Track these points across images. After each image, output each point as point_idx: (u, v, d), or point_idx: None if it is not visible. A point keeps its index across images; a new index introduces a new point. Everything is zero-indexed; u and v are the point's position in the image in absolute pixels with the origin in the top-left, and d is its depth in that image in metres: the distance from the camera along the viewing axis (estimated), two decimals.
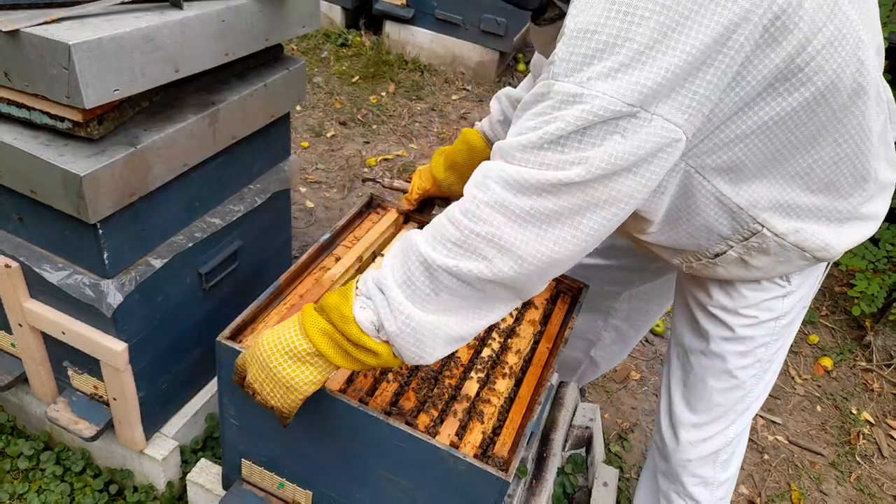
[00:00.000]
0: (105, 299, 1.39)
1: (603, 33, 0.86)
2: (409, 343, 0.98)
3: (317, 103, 3.85)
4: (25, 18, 1.16)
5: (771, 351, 1.39)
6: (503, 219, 0.92)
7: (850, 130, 1.05)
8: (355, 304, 1.00)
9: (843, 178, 1.12)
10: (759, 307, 1.33)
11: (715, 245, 1.20)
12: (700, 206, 1.11)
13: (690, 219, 1.14)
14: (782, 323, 1.36)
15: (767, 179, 1.08)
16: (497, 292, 0.98)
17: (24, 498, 1.77)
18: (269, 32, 1.52)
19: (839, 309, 3.05)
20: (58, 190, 1.25)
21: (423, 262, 0.95)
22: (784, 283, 1.30)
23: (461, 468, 1.16)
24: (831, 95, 0.98)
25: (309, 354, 1.04)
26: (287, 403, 1.08)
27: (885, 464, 2.42)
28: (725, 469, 1.52)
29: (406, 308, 0.96)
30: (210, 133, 1.48)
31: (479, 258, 0.93)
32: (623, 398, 2.46)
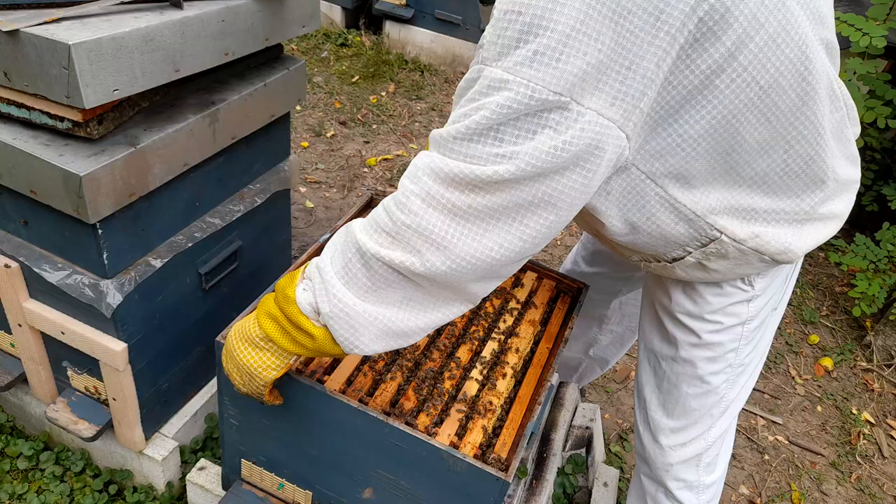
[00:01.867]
0: (104, 299, 1.39)
1: (528, 14, 0.81)
2: (343, 328, 0.96)
3: (317, 103, 3.85)
4: (25, 18, 1.16)
5: (742, 355, 1.35)
6: (433, 212, 0.88)
7: (801, 131, 1.01)
8: (299, 286, 1.00)
9: (799, 180, 1.08)
10: (724, 312, 1.29)
11: (672, 251, 1.16)
12: (655, 213, 1.07)
13: (646, 225, 1.10)
14: (750, 327, 1.32)
15: (721, 185, 1.05)
16: (435, 289, 0.95)
17: (23, 498, 1.77)
18: (269, 32, 1.52)
19: (839, 309, 3.04)
20: (57, 190, 1.25)
21: (358, 249, 0.94)
22: (747, 286, 1.26)
23: (461, 468, 1.16)
24: (777, 95, 0.95)
25: (261, 339, 1.05)
26: (254, 389, 1.10)
27: (886, 464, 2.41)
28: (710, 472, 1.50)
29: (340, 292, 0.95)
30: (210, 133, 1.48)
31: (410, 250, 0.91)
32: (623, 398, 2.46)
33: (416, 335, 1.01)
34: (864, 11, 2.74)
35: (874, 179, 3.22)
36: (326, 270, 0.97)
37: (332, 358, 1.05)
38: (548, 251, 3.11)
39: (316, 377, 1.27)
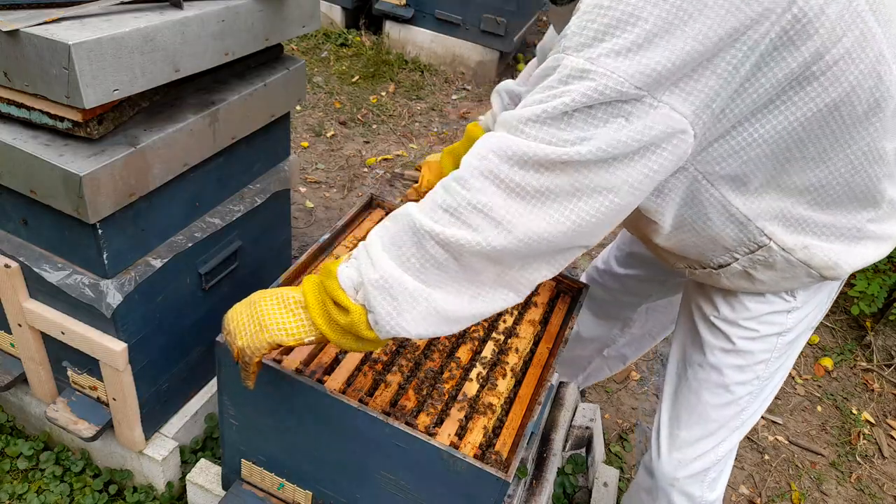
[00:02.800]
0: (104, 299, 1.39)
1: (617, 9, 0.84)
2: (385, 301, 0.94)
3: (317, 103, 3.85)
4: (25, 18, 1.16)
5: (770, 369, 1.35)
6: (496, 189, 0.89)
7: (862, 147, 1.03)
8: (343, 263, 1.00)
9: (853, 196, 1.09)
10: (762, 320, 1.29)
11: (719, 256, 1.18)
12: (708, 214, 1.09)
13: (697, 227, 1.12)
14: (785, 340, 1.32)
15: (776, 192, 1.06)
16: (485, 274, 0.94)
17: (23, 498, 1.77)
18: (269, 32, 1.52)
19: (839, 309, 3.04)
20: (57, 190, 1.25)
21: (412, 227, 0.93)
22: (790, 297, 1.26)
23: (461, 468, 1.16)
24: (845, 108, 0.96)
25: (295, 302, 1.04)
26: (253, 342, 1.04)
27: (886, 464, 2.41)
28: (712, 489, 1.50)
29: (386, 265, 0.94)
30: (210, 133, 1.48)
31: (468, 227, 0.90)
32: (623, 398, 2.46)
33: (461, 322, 0.98)
34: None
35: None
36: (374, 246, 0.96)
37: (352, 349, 1.03)
38: None
39: (316, 377, 1.27)
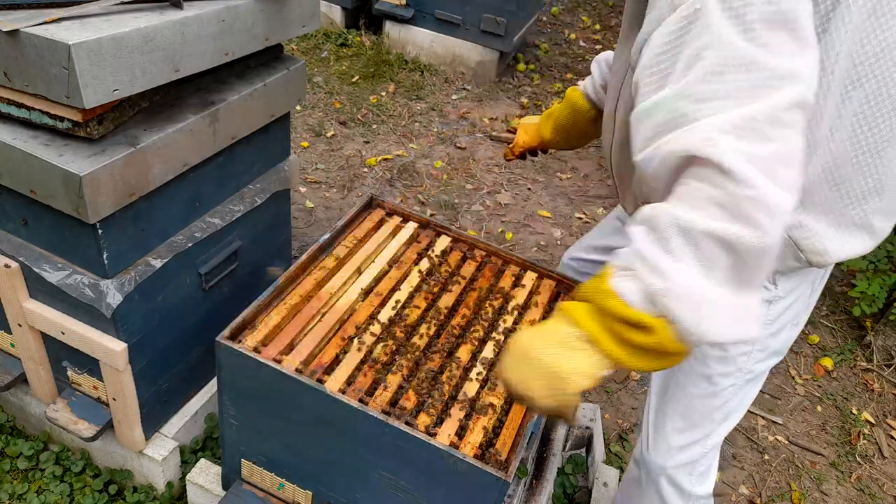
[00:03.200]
0: (104, 299, 1.39)
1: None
2: (688, 310, 0.84)
3: (317, 103, 3.85)
4: (25, 18, 1.16)
5: (752, 361, 1.33)
6: (764, 178, 0.81)
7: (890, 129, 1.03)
8: (612, 278, 0.89)
9: (864, 180, 1.08)
10: None
11: None
12: None
13: None
14: (766, 332, 1.29)
15: None
16: (759, 268, 0.86)
17: (23, 498, 1.77)
18: (269, 32, 1.52)
19: (839, 309, 3.04)
20: (57, 190, 1.25)
21: (679, 227, 0.84)
22: (770, 286, 1.23)
23: (461, 468, 1.16)
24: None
25: (576, 338, 0.91)
26: (563, 400, 0.92)
27: (886, 464, 2.41)
28: (701, 483, 1.49)
29: (674, 270, 0.84)
30: (210, 133, 1.48)
31: (747, 221, 0.81)
32: (623, 398, 2.46)
33: (756, 321, 0.89)
34: None
35: None
36: (649, 253, 0.85)
37: (651, 369, 0.93)
38: (548, 251, 3.11)
39: (316, 377, 1.27)
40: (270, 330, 1.34)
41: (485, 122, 3.96)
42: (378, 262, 1.57)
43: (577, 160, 3.76)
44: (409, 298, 1.49)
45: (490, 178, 3.50)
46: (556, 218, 3.33)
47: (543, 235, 3.19)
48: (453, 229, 1.71)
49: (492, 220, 3.21)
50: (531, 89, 4.40)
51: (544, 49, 4.90)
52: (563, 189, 3.52)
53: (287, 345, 1.33)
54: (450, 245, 1.68)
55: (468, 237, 1.70)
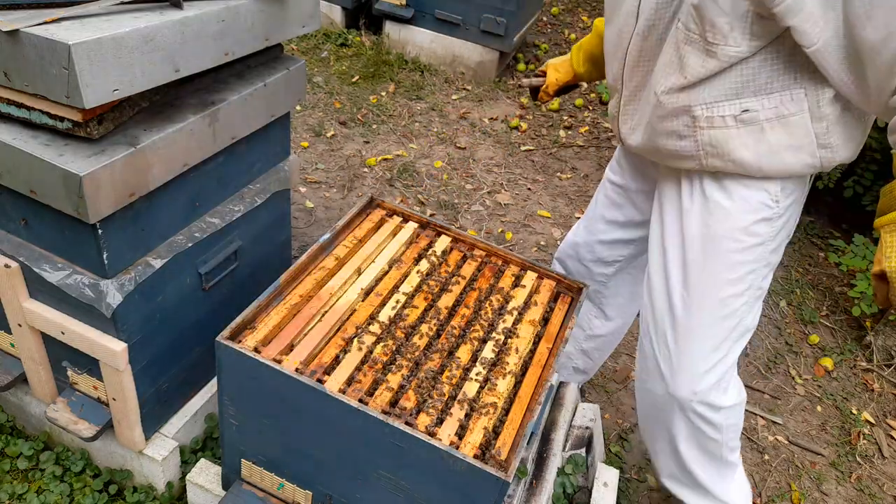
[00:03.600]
0: (104, 299, 1.39)
1: None
2: None
3: (317, 103, 3.85)
4: (25, 18, 1.16)
5: (759, 278, 1.43)
6: None
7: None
8: None
9: (875, 82, 1.11)
10: (747, 231, 1.37)
11: (757, 95, 1.23)
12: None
13: (774, 53, 1.17)
14: (769, 249, 1.40)
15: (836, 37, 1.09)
16: None
17: (23, 498, 1.77)
18: (269, 32, 1.52)
19: (839, 309, 3.04)
20: (57, 190, 1.25)
21: None
22: (772, 204, 1.34)
23: (461, 468, 1.16)
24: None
25: None
26: None
27: (886, 464, 2.41)
28: (727, 394, 1.56)
29: None
30: (210, 133, 1.48)
31: None
32: (623, 398, 2.46)
33: None
34: None
35: (874, 180, 3.22)
36: None
37: None
38: (548, 251, 3.11)
39: (316, 377, 1.27)
40: (270, 330, 1.34)
41: (485, 121, 3.97)
42: (378, 262, 1.57)
43: (577, 160, 3.76)
44: (410, 298, 1.50)
45: (490, 178, 3.50)
46: (556, 218, 3.33)
47: (543, 235, 3.19)
48: (453, 229, 1.71)
49: (492, 220, 3.21)
50: None
51: (544, 49, 4.90)
52: (562, 189, 3.52)
53: (287, 345, 1.33)
54: (450, 245, 1.68)
55: (468, 237, 1.70)
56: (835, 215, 3.66)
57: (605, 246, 1.83)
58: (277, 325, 1.35)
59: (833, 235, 3.51)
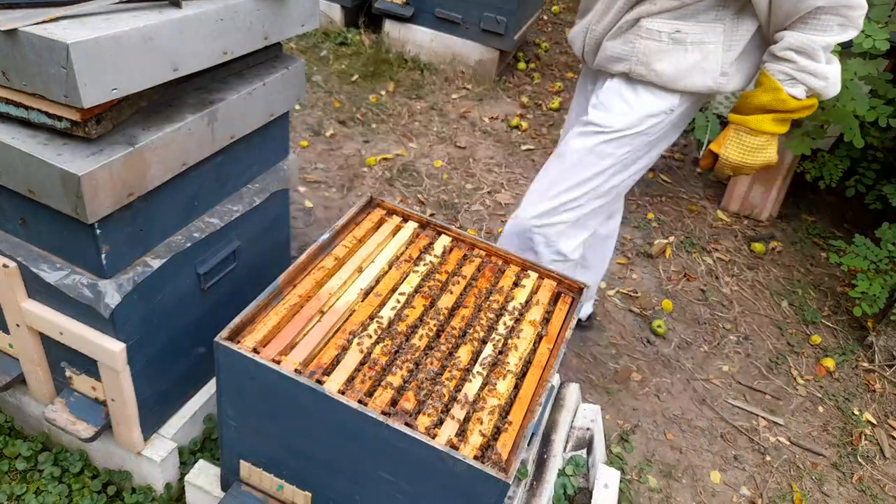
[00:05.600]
0: (103, 299, 1.38)
1: None
2: (833, 87, 1.53)
3: (316, 102, 3.85)
4: (23, 17, 1.16)
5: (631, 157, 1.79)
6: None
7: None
8: (787, 90, 1.52)
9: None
10: (640, 122, 1.72)
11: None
12: None
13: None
14: (648, 139, 1.76)
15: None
16: None
17: (21, 499, 1.76)
18: (268, 31, 1.52)
19: (841, 310, 3.04)
20: (56, 189, 1.24)
21: (825, 45, 1.47)
22: (668, 111, 1.71)
23: (461, 469, 1.16)
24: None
25: (770, 139, 1.62)
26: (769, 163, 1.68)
27: (888, 465, 2.41)
28: (567, 240, 1.89)
29: (824, 69, 1.50)
30: (209, 132, 1.47)
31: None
32: (624, 399, 2.46)
33: None
34: None
35: (876, 179, 3.22)
36: (810, 67, 1.50)
37: (788, 124, 1.62)
38: None
39: (315, 378, 1.26)
40: (269, 330, 1.33)
41: (485, 121, 3.96)
42: (378, 262, 1.56)
43: None
44: (409, 299, 1.49)
45: (490, 177, 3.50)
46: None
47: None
48: (453, 229, 1.71)
49: (492, 220, 3.20)
50: (531, 88, 4.40)
51: (545, 48, 4.89)
52: None
53: (286, 345, 1.32)
54: (450, 245, 1.67)
55: (468, 237, 1.69)
56: (836, 215, 3.65)
57: None
58: (276, 326, 1.35)
59: (834, 236, 3.50)
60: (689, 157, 3.91)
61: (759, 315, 2.95)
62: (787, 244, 3.40)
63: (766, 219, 3.52)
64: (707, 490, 2.20)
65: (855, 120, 2.80)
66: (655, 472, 2.22)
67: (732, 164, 1.69)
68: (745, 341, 2.80)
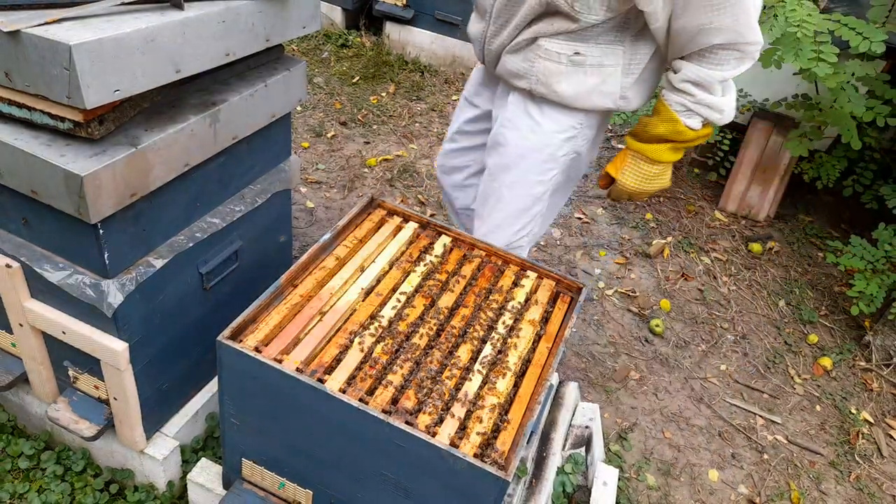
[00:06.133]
0: (105, 299, 1.39)
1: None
2: (727, 117, 1.55)
3: (317, 104, 3.86)
4: (26, 19, 1.17)
5: (559, 173, 1.78)
6: None
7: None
8: (684, 121, 1.54)
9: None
10: (551, 144, 1.70)
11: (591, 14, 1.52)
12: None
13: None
14: (568, 158, 1.75)
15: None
16: None
17: (24, 497, 1.77)
18: (270, 33, 1.53)
19: (838, 309, 3.05)
20: (59, 190, 1.25)
21: (722, 80, 1.49)
22: (578, 126, 1.69)
23: (461, 467, 1.17)
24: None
25: (665, 169, 1.66)
26: (654, 189, 1.71)
27: (885, 463, 2.42)
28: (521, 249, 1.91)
29: (720, 102, 1.52)
30: (211, 133, 1.48)
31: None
32: (622, 398, 2.47)
33: None
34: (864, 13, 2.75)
35: (873, 179, 3.23)
36: (707, 100, 1.52)
37: (683, 153, 1.65)
38: (547, 251, 3.11)
39: (316, 377, 1.27)
40: (271, 329, 1.34)
41: None
42: (378, 262, 1.57)
43: None
44: (410, 298, 1.50)
45: None
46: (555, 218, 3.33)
47: (543, 235, 3.20)
48: (453, 229, 1.72)
49: None
50: None
51: None
52: None
53: (288, 344, 1.33)
54: (450, 245, 1.68)
55: (468, 237, 1.70)
56: (833, 215, 3.67)
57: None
58: (278, 325, 1.36)
59: (831, 236, 3.52)
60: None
61: (756, 314, 2.96)
62: (784, 244, 3.41)
63: (763, 219, 3.53)
64: (705, 488, 2.21)
65: (852, 121, 2.81)
66: (654, 470, 2.23)
67: (629, 191, 1.70)
68: (742, 340, 2.81)
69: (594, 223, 3.36)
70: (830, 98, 2.84)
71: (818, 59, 2.52)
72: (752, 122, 3.39)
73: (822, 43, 2.53)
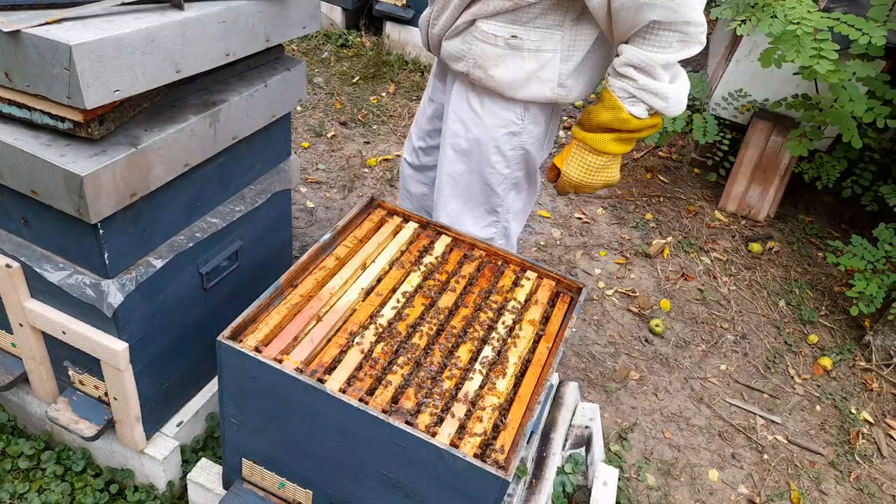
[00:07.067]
0: (106, 299, 1.39)
1: None
2: (676, 106, 1.49)
3: (317, 104, 3.86)
4: (26, 19, 1.17)
5: (519, 171, 1.77)
6: None
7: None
8: (628, 109, 1.48)
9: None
10: (495, 139, 1.69)
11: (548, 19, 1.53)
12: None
13: None
14: (516, 153, 1.73)
15: None
16: None
17: (24, 497, 1.77)
18: (270, 33, 1.53)
19: (838, 309, 3.05)
20: (59, 190, 1.25)
21: (665, 63, 1.43)
22: (518, 120, 1.66)
23: (461, 467, 1.17)
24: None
25: (612, 160, 1.59)
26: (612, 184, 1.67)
27: (885, 463, 2.42)
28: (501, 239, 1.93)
29: (665, 88, 1.45)
30: (211, 133, 1.49)
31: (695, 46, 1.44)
32: (622, 398, 2.47)
33: None
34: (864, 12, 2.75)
35: (873, 179, 3.23)
36: (650, 86, 1.45)
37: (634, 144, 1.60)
38: (547, 251, 3.11)
39: (316, 377, 1.27)
40: (271, 329, 1.35)
41: None
42: (378, 262, 1.57)
43: None
44: (410, 298, 1.50)
45: None
46: (555, 218, 3.33)
47: (543, 235, 3.20)
48: (453, 229, 1.72)
49: None
50: None
51: None
52: None
53: (288, 344, 1.33)
54: (450, 245, 1.68)
55: (468, 237, 1.70)
56: (833, 215, 3.67)
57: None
58: (278, 325, 1.36)
59: (831, 236, 3.52)
60: (686, 157, 3.92)
61: (756, 314, 2.96)
62: (784, 244, 3.41)
63: (763, 219, 3.53)
64: (705, 488, 2.21)
65: (853, 121, 2.81)
66: (654, 470, 2.23)
67: (573, 183, 1.65)
68: (742, 340, 2.82)
69: (594, 223, 3.36)
70: (831, 97, 2.85)
71: (819, 56, 2.52)
72: (751, 122, 3.40)
73: (823, 40, 2.53)
